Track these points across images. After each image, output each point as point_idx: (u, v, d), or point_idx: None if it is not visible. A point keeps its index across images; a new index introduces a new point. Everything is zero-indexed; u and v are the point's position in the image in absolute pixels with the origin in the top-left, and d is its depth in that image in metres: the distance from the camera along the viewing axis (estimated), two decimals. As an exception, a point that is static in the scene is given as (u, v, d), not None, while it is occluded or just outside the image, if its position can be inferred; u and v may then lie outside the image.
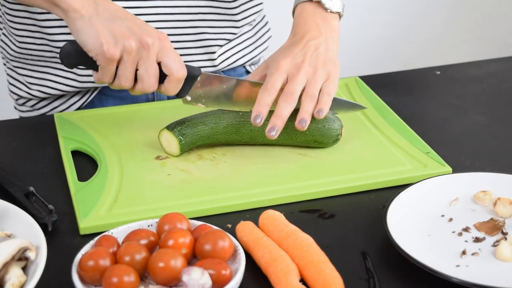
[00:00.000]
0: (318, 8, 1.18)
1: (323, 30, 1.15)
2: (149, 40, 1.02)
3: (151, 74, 1.04)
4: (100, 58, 1.02)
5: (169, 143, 1.10)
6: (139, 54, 1.02)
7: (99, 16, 1.02)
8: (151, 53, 1.02)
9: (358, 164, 1.09)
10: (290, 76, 1.09)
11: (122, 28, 1.02)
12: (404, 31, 2.75)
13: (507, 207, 0.99)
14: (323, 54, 1.12)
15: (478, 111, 1.28)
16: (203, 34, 1.31)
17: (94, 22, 1.01)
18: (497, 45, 2.84)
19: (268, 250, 0.89)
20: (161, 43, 1.03)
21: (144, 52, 1.02)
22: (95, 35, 1.01)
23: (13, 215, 0.92)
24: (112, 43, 1.01)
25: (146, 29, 1.03)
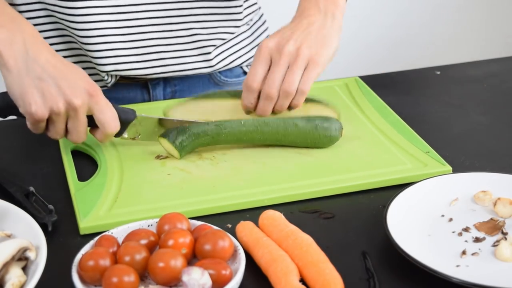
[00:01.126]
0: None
1: (322, 6, 1.13)
2: (78, 101, 1.00)
3: (80, 131, 1.04)
4: (28, 117, 1.01)
5: (169, 150, 1.10)
6: (67, 114, 1.02)
7: (28, 73, 0.99)
8: (80, 114, 1.02)
9: (358, 164, 1.09)
10: (273, 61, 1.09)
11: (52, 88, 1.00)
12: (404, 32, 2.75)
13: (507, 207, 0.99)
14: (315, 32, 1.11)
15: (478, 111, 1.28)
16: (196, 35, 1.30)
17: (23, 80, 0.99)
18: (497, 45, 2.84)
19: (268, 250, 0.89)
20: (91, 100, 1.03)
21: (73, 113, 1.02)
22: (24, 94, 0.99)
23: (13, 215, 0.92)
24: (41, 104, 0.99)
25: (76, 86, 1.01)
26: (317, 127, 1.11)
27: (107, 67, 1.26)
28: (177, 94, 1.35)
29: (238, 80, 1.41)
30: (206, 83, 1.38)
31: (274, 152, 1.12)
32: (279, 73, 1.09)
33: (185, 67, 1.32)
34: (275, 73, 1.09)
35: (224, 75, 1.39)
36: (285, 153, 1.12)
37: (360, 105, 1.26)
